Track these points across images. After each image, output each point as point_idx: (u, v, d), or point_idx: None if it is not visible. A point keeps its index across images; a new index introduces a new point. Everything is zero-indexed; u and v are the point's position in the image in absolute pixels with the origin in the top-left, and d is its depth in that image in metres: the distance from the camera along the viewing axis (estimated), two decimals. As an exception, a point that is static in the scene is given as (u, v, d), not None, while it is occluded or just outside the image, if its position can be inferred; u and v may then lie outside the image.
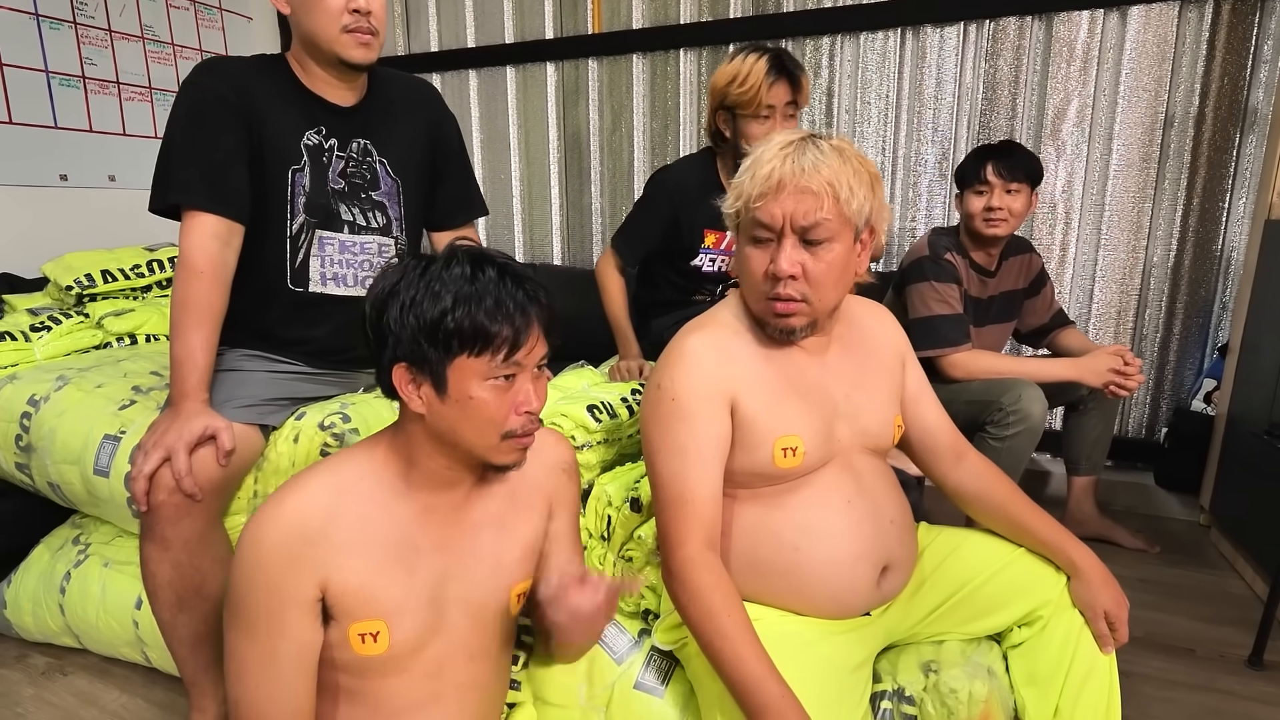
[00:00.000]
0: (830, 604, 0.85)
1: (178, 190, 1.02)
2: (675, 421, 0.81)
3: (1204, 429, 1.79)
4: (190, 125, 1.04)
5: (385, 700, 0.75)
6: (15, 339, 1.45)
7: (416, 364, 0.68)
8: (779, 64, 1.37)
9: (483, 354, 0.67)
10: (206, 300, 1.00)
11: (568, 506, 0.88)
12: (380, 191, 1.19)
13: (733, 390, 0.83)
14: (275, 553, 0.68)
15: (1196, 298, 1.93)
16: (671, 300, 1.62)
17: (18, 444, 1.25)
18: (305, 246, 1.13)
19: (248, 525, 0.70)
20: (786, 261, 0.79)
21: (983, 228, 1.53)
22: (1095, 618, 0.85)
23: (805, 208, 0.78)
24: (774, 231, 0.80)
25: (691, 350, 0.84)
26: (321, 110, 1.12)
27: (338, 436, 1.08)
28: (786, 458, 0.82)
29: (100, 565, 1.27)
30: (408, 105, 1.22)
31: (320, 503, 0.71)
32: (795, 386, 0.85)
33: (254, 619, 0.69)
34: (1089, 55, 1.91)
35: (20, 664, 1.33)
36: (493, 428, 0.70)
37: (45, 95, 2.00)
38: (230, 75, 1.06)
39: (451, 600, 0.76)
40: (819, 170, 0.77)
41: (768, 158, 0.80)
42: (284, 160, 1.09)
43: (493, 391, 0.69)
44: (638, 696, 0.94)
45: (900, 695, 0.88)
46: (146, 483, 0.92)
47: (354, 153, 1.15)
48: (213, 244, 1.02)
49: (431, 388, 0.69)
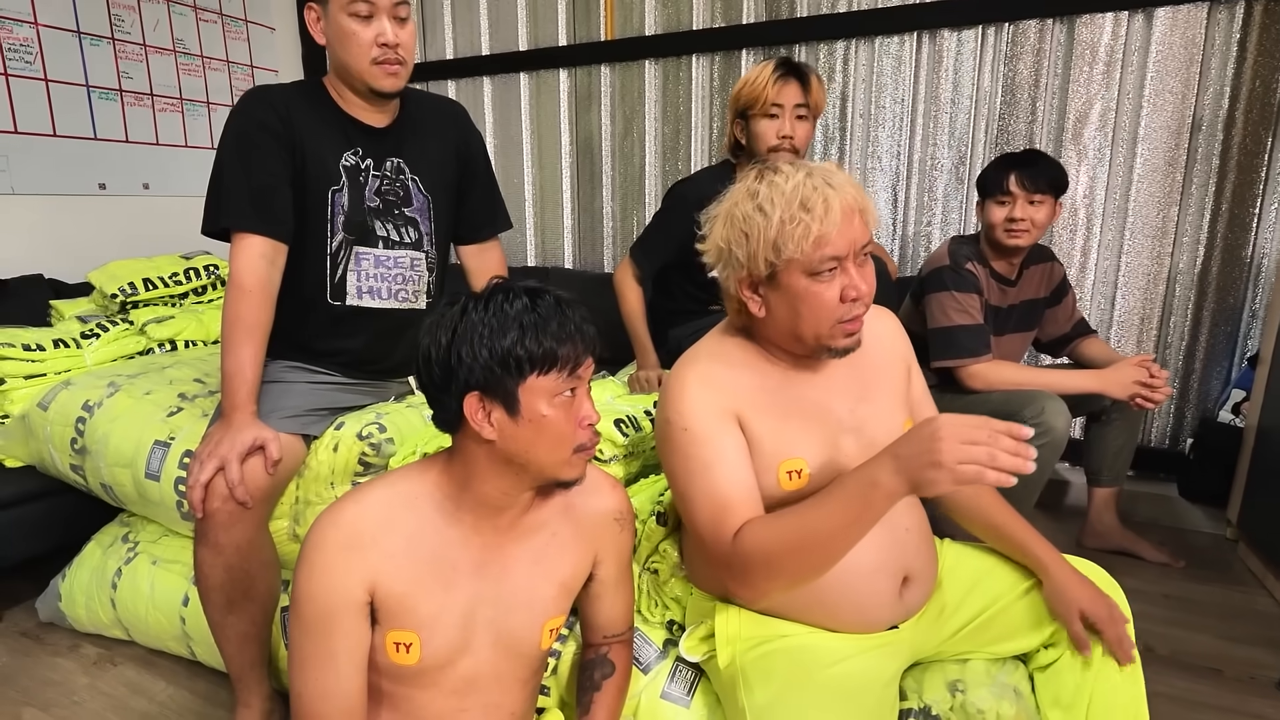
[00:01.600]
0: (855, 616, 0.86)
1: (228, 215, 1.08)
2: (694, 447, 0.82)
3: (1232, 441, 1.76)
4: (240, 152, 1.10)
5: (417, 710, 0.80)
6: (68, 346, 1.53)
7: (488, 390, 0.72)
8: (788, 64, 1.41)
9: (549, 372, 0.72)
10: (255, 317, 1.06)
11: (617, 555, 0.90)
12: (413, 208, 1.23)
13: (738, 410, 0.84)
14: (333, 555, 0.73)
15: (1224, 306, 1.90)
16: (688, 310, 1.64)
17: (73, 447, 1.32)
18: (344, 262, 1.18)
19: (311, 530, 0.75)
20: (866, 283, 0.80)
21: (1004, 238, 1.52)
22: (1071, 619, 0.84)
23: (861, 228, 0.80)
24: (839, 260, 0.79)
25: (690, 381, 0.85)
26: (357, 132, 1.17)
27: (374, 445, 1.12)
28: (792, 480, 0.83)
29: (149, 563, 1.33)
30: (437, 125, 1.27)
31: (375, 512, 0.76)
32: (797, 408, 0.85)
33: (315, 617, 0.73)
34: (1113, 58, 1.88)
35: (73, 653, 1.40)
36: (564, 442, 0.75)
37: (86, 108, 2.08)
38: (275, 103, 1.11)
39: (482, 624, 0.80)
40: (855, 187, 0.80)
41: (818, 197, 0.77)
42: (324, 182, 1.14)
43: (561, 408, 0.74)
44: (664, 706, 0.96)
45: (927, 714, 0.88)
46: (203, 491, 0.98)
47: (388, 171, 1.20)
48: (260, 263, 1.08)
49: (504, 411, 0.73)
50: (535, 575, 0.82)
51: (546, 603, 0.83)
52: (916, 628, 0.92)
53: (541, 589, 0.83)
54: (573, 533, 0.85)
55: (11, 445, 1.46)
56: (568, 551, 0.85)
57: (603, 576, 0.89)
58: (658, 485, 1.14)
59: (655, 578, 1.06)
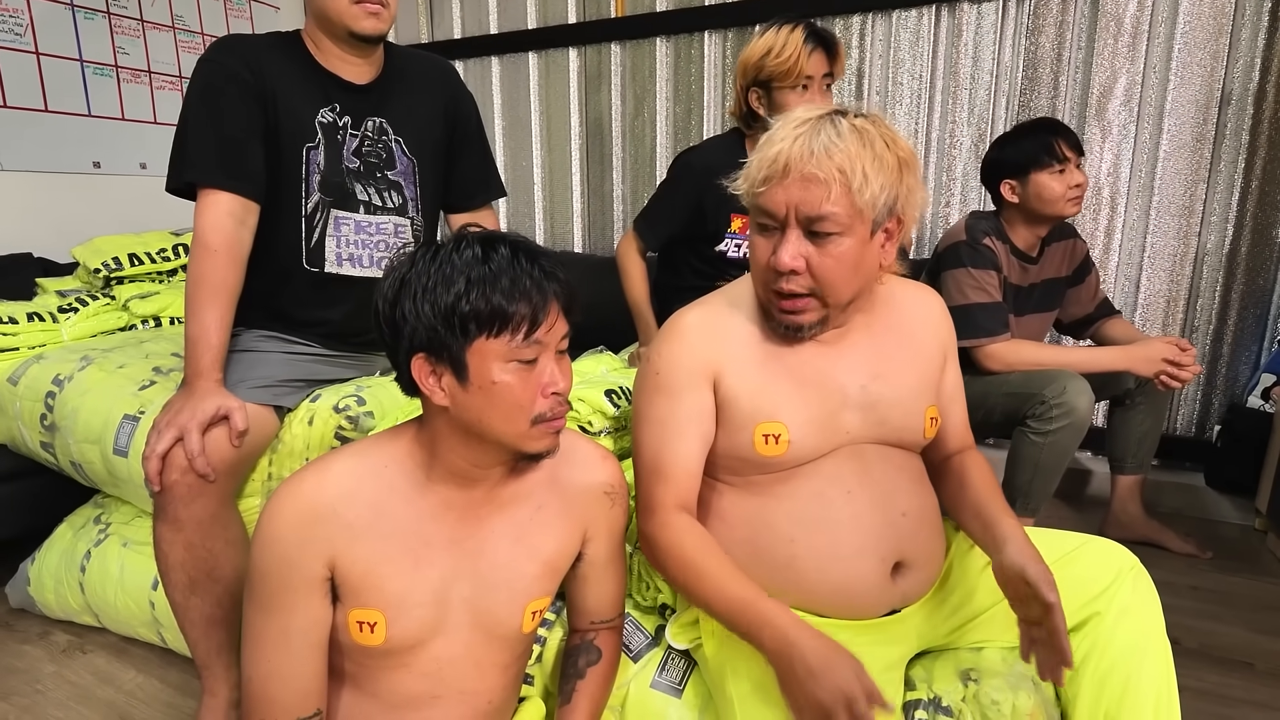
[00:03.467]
0: (838, 599, 0.80)
1: (193, 168, 1.02)
2: (657, 394, 0.82)
3: (1261, 427, 1.69)
4: (206, 103, 1.03)
5: (384, 692, 0.74)
6: (44, 320, 1.48)
7: (435, 353, 0.66)
8: (815, 33, 1.33)
9: (501, 334, 0.65)
10: (221, 278, 0.99)
11: (609, 531, 0.84)
12: (396, 171, 1.17)
13: (716, 368, 0.81)
14: (290, 529, 0.68)
15: (1254, 287, 1.82)
16: (694, 286, 1.56)
17: (43, 423, 1.27)
18: (321, 226, 1.12)
19: (268, 501, 0.70)
20: (788, 254, 0.74)
21: (1068, 208, 1.44)
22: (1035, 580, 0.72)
23: (811, 197, 0.72)
24: (778, 220, 0.75)
25: (683, 326, 0.83)
26: (336, 88, 1.11)
27: (352, 419, 1.06)
28: (768, 444, 0.79)
29: (119, 545, 1.28)
30: (424, 83, 1.20)
31: (337, 483, 0.70)
32: (793, 375, 0.81)
33: (269, 594, 0.69)
34: (1138, 30, 1.80)
35: (43, 640, 1.35)
36: (520, 413, 0.68)
37: (80, 84, 2.04)
38: (245, 53, 1.05)
39: (457, 603, 0.74)
40: (830, 155, 0.70)
41: (778, 137, 0.74)
42: (299, 137, 1.08)
43: (516, 374, 0.67)
44: (654, 696, 0.90)
45: (937, 705, 0.83)
46: (160, 462, 0.92)
47: (369, 131, 1.14)
48: (228, 222, 1.01)
49: (453, 376, 0.66)
50: (517, 552, 0.76)
51: (529, 582, 0.77)
52: (922, 614, 0.86)
53: (524, 567, 0.76)
54: (560, 507, 0.78)
55: (-16, 422, 1.41)
56: (553, 527, 0.78)
57: (592, 556, 0.83)
58: (654, 461, 1.08)
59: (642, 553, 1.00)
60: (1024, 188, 1.46)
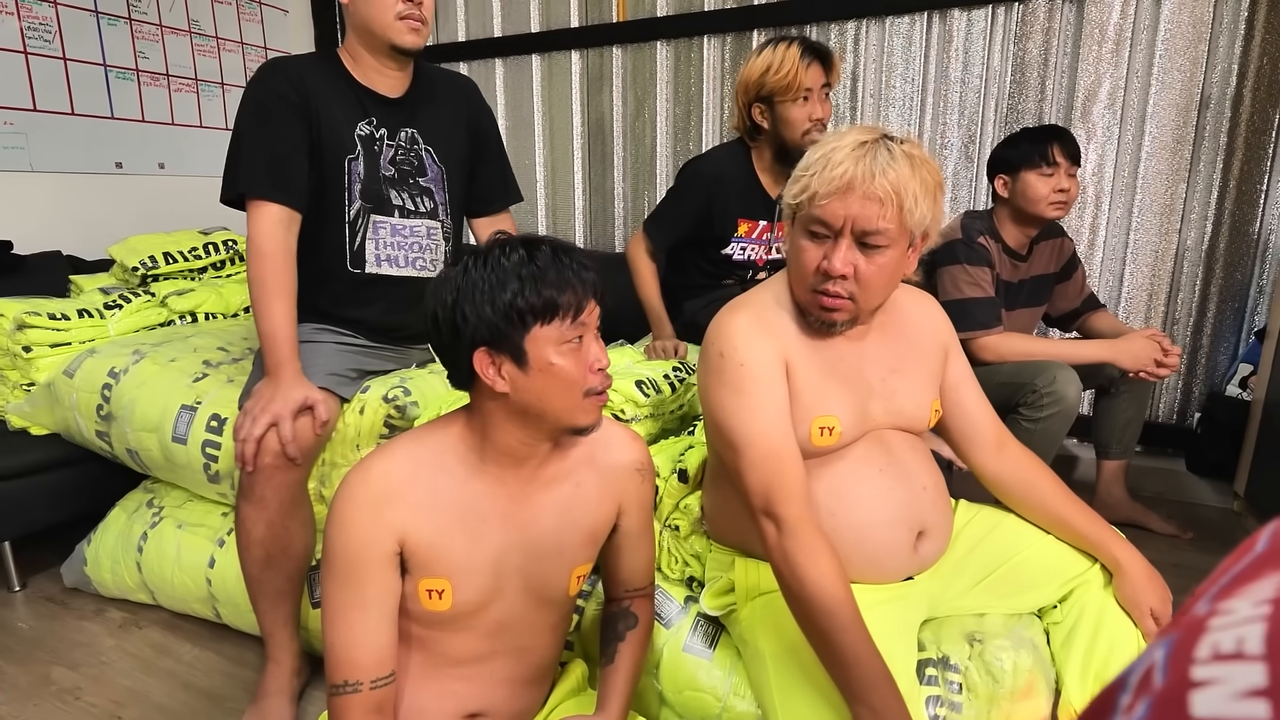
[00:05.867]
0: (869, 566, 0.88)
1: (245, 182, 1.10)
2: (749, 384, 0.83)
3: (1239, 414, 1.77)
4: (257, 121, 1.12)
5: (450, 651, 0.82)
6: (92, 316, 1.55)
7: (495, 345, 0.74)
8: (811, 47, 1.41)
9: (552, 320, 0.74)
10: (279, 278, 1.08)
11: (640, 505, 0.92)
12: (427, 178, 1.25)
13: (787, 361, 0.86)
14: (362, 510, 0.75)
15: (1232, 281, 1.91)
16: (703, 286, 1.66)
17: (99, 413, 1.34)
18: (362, 231, 1.21)
19: (340, 487, 0.77)
20: (840, 262, 0.80)
21: (1049, 211, 1.50)
22: (1142, 616, 0.86)
23: (869, 213, 0.78)
24: (832, 230, 0.81)
25: (743, 322, 0.86)
26: (371, 102, 1.19)
27: (400, 409, 1.14)
28: (823, 436, 0.85)
29: (174, 527, 1.36)
30: (450, 99, 1.30)
31: (402, 467, 0.77)
32: (834, 369, 0.88)
33: (346, 569, 0.76)
34: (1121, 36, 1.89)
35: (99, 617, 1.42)
36: (575, 388, 0.76)
37: (103, 88, 2.09)
38: (291, 74, 1.14)
39: (512, 571, 0.82)
40: (888, 177, 0.77)
41: (840, 157, 0.79)
42: (340, 151, 1.17)
43: (568, 355, 0.75)
44: (686, 659, 0.99)
45: (945, 663, 0.90)
46: (256, 445, 1.01)
47: (402, 141, 1.23)
48: (277, 229, 1.10)
49: (513, 364, 0.75)
50: (563, 524, 0.85)
51: (575, 550, 0.86)
52: (932, 580, 0.94)
53: (569, 536, 0.85)
54: (596, 483, 0.87)
55: (37, 413, 1.48)
56: (592, 502, 0.87)
57: (626, 527, 0.91)
58: (679, 445, 1.17)
59: (676, 534, 1.08)
60: (1014, 184, 1.54)
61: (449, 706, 0.83)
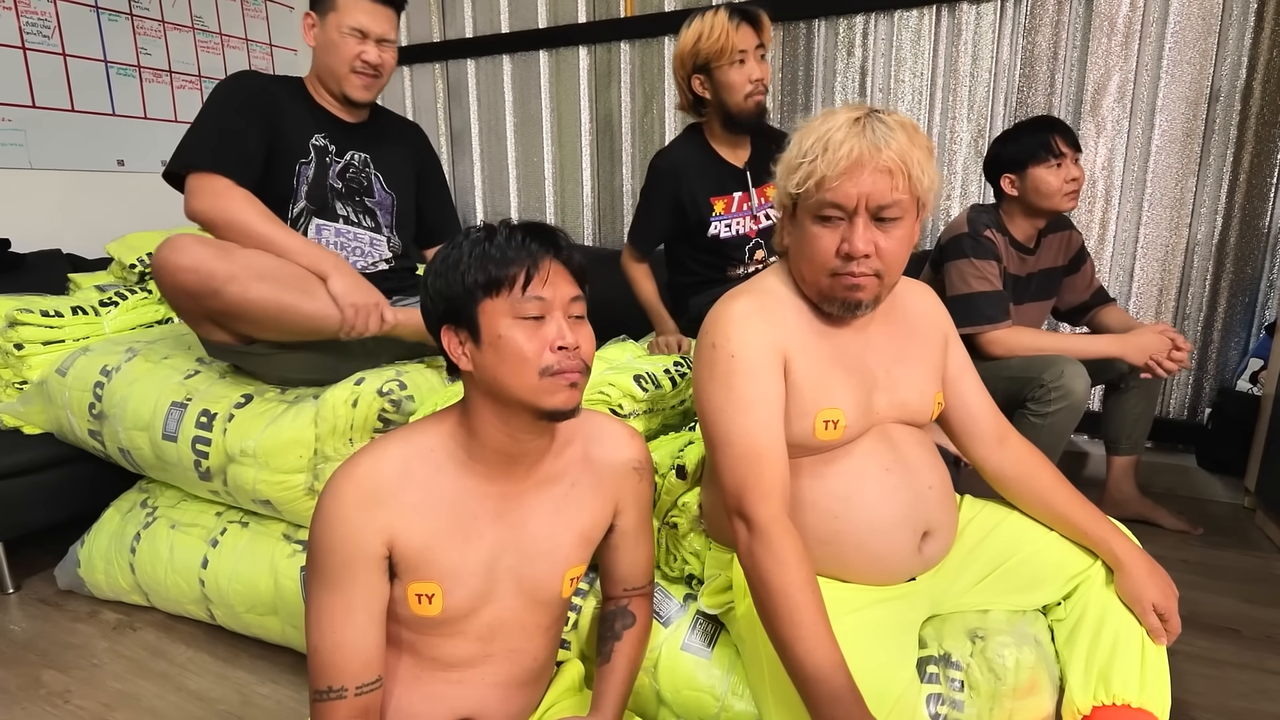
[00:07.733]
0: (872, 569, 0.86)
1: (192, 154, 1.15)
2: (738, 378, 0.80)
3: (1250, 410, 1.75)
4: (217, 109, 1.18)
5: (440, 655, 0.80)
6: (87, 313, 1.53)
7: (454, 320, 0.75)
8: (737, 9, 1.43)
9: (500, 292, 0.73)
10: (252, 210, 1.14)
11: (637, 504, 0.90)
12: (374, 200, 1.33)
13: (785, 351, 0.82)
14: (350, 510, 0.72)
15: (1242, 275, 1.89)
16: (705, 279, 1.64)
17: (91, 411, 1.33)
18: (303, 230, 1.27)
19: (328, 484, 0.75)
20: (862, 241, 0.77)
21: (1064, 203, 1.50)
22: (1145, 612, 0.83)
23: (882, 187, 0.76)
24: (846, 211, 0.78)
25: (741, 311, 0.83)
26: (329, 122, 1.29)
27: (395, 402, 1.12)
28: (828, 430, 0.83)
29: (167, 527, 1.34)
30: (401, 137, 1.40)
31: (391, 466, 0.75)
32: (839, 359, 0.85)
33: (332, 571, 0.73)
34: (1130, 30, 1.87)
35: (93, 619, 1.40)
36: (526, 365, 0.72)
37: (104, 84, 2.09)
38: (260, 79, 1.25)
39: (504, 573, 0.79)
40: (892, 147, 0.75)
41: (840, 137, 0.76)
42: (293, 154, 1.24)
43: (522, 329, 0.73)
44: (684, 658, 0.97)
45: (947, 660, 0.88)
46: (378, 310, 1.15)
47: (354, 161, 1.31)
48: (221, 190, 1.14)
49: (471, 340, 0.74)
50: (556, 524, 0.82)
51: (568, 551, 0.83)
52: (934, 578, 0.92)
53: (562, 538, 0.83)
54: (592, 483, 0.85)
55: (30, 412, 1.46)
56: (587, 501, 0.84)
57: (623, 526, 0.89)
58: (678, 441, 1.14)
59: (674, 532, 1.06)
60: (1023, 182, 1.52)
61: (439, 711, 0.80)
